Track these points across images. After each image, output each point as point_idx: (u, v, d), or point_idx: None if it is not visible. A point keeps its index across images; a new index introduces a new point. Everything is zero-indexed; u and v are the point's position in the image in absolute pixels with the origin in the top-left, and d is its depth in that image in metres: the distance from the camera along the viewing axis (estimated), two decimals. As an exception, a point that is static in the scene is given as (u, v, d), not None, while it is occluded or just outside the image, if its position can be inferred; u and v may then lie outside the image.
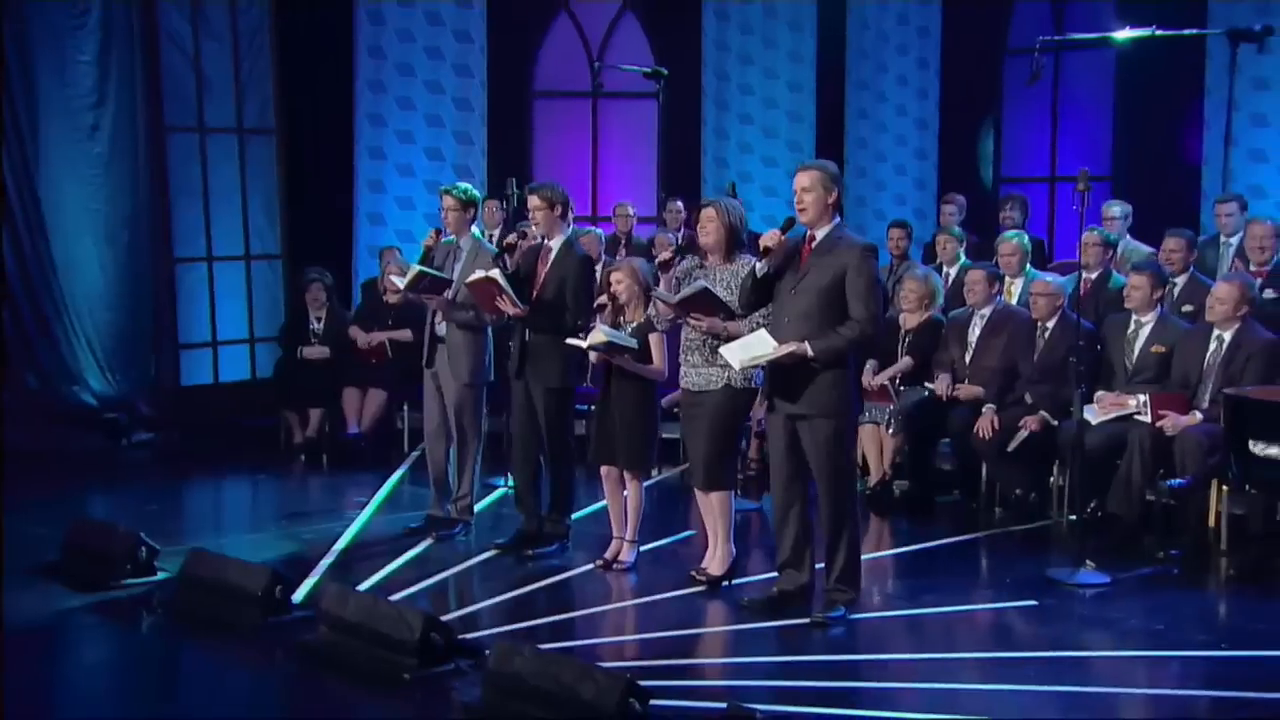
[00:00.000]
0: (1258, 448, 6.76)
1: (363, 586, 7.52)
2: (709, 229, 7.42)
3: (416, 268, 8.90)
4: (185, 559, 7.45)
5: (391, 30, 12.98)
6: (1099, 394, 8.57)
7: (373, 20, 12.90)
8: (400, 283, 9.06)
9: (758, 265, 6.89)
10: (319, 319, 11.26)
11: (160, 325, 11.69)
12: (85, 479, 10.43)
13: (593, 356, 7.76)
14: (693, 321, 7.21)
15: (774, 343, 6.77)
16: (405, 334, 10.97)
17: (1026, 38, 13.75)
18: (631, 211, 12.61)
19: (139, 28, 11.31)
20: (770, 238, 6.81)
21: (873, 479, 9.63)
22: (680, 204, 12.61)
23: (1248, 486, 7.94)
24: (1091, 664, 6.74)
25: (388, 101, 13.05)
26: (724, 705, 5.53)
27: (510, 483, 9.41)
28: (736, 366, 7.02)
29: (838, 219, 6.99)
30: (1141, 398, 8.42)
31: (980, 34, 13.97)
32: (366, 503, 9.58)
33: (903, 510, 9.38)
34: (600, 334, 7.53)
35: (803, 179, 6.91)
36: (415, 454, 10.94)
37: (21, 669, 6.67)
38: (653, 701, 5.53)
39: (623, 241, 12.13)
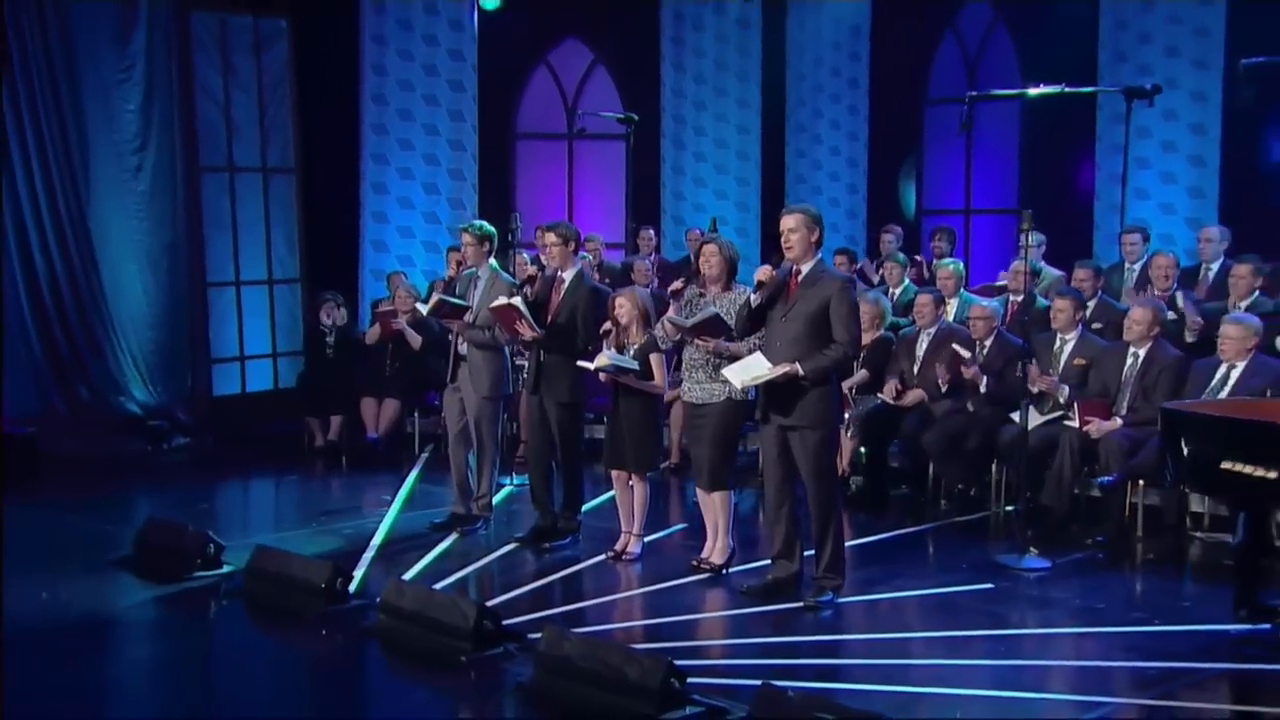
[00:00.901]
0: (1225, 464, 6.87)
1: (405, 578, 7.37)
2: (712, 263, 7.39)
3: (438, 296, 8.87)
4: (252, 554, 7.40)
5: (393, 80, 12.86)
6: (1032, 370, 8.49)
7: (377, 72, 12.77)
8: (424, 308, 9.02)
9: (752, 296, 6.87)
10: (329, 332, 11.09)
11: (195, 342, 11.58)
12: (135, 480, 10.27)
13: (601, 376, 7.67)
14: (699, 342, 7.19)
15: (769, 364, 6.76)
16: (412, 334, 10.83)
17: (942, 90, 13.95)
18: (601, 242, 12.46)
19: (177, 80, 11.21)
20: (763, 272, 6.81)
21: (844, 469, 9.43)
22: (651, 232, 12.69)
23: (1181, 486, 7.94)
24: (1052, 639, 6.76)
25: (390, 143, 12.92)
26: (753, 682, 5.48)
27: (515, 481, 9.47)
28: (738, 385, 6.99)
29: (819, 255, 6.97)
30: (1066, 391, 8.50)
31: (903, 86, 14.05)
32: (391, 501, 9.45)
33: (859, 504, 9.26)
34: (604, 358, 7.50)
35: (788, 221, 6.88)
36: (425, 455, 10.90)
37: (114, 652, 6.82)
38: (689, 679, 5.51)
39: (595, 267, 12.12)
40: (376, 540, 8.39)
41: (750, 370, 6.87)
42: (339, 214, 12.70)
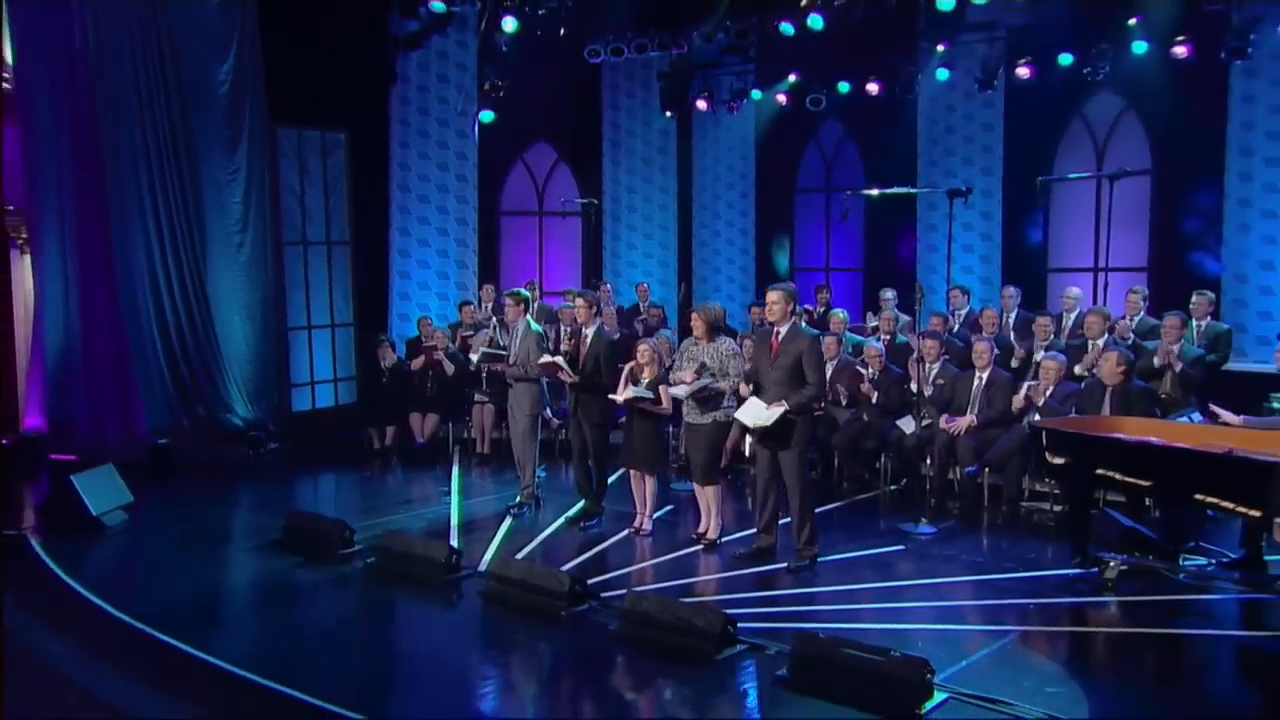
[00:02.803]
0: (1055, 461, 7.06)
1: (489, 553, 7.39)
2: (698, 326, 7.52)
3: (484, 349, 9.02)
4: (381, 536, 7.36)
5: (415, 175, 12.84)
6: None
7: (402, 169, 12.77)
8: (475, 356, 9.19)
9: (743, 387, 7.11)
10: (385, 362, 11.05)
11: (279, 371, 11.51)
12: (245, 477, 10.11)
13: (622, 402, 7.78)
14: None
15: (765, 404, 6.88)
16: (448, 364, 10.82)
17: (806, 182, 14.46)
18: (608, 289, 12.46)
19: (268, 179, 11.16)
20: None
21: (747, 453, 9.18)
22: (609, 285, 12.84)
23: (1044, 475, 8.19)
24: (958, 585, 6.85)
25: (411, 220, 12.90)
26: (787, 626, 5.63)
27: (542, 473, 9.14)
28: (750, 425, 7.00)
29: (794, 319, 7.09)
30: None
31: (779, 179, 14.45)
32: (448, 492, 9.30)
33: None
34: (630, 392, 7.66)
35: (773, 295, 7.03)
36: (457, 455, 10.70)
37: (305, 606, 6.80)
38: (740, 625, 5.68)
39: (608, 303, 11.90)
40: (454, 522, 8.33)
41: (754, 413, 6.94)
42: (376, 274, 12.66)
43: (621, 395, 7.75)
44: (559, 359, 8.06)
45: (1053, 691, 5.11)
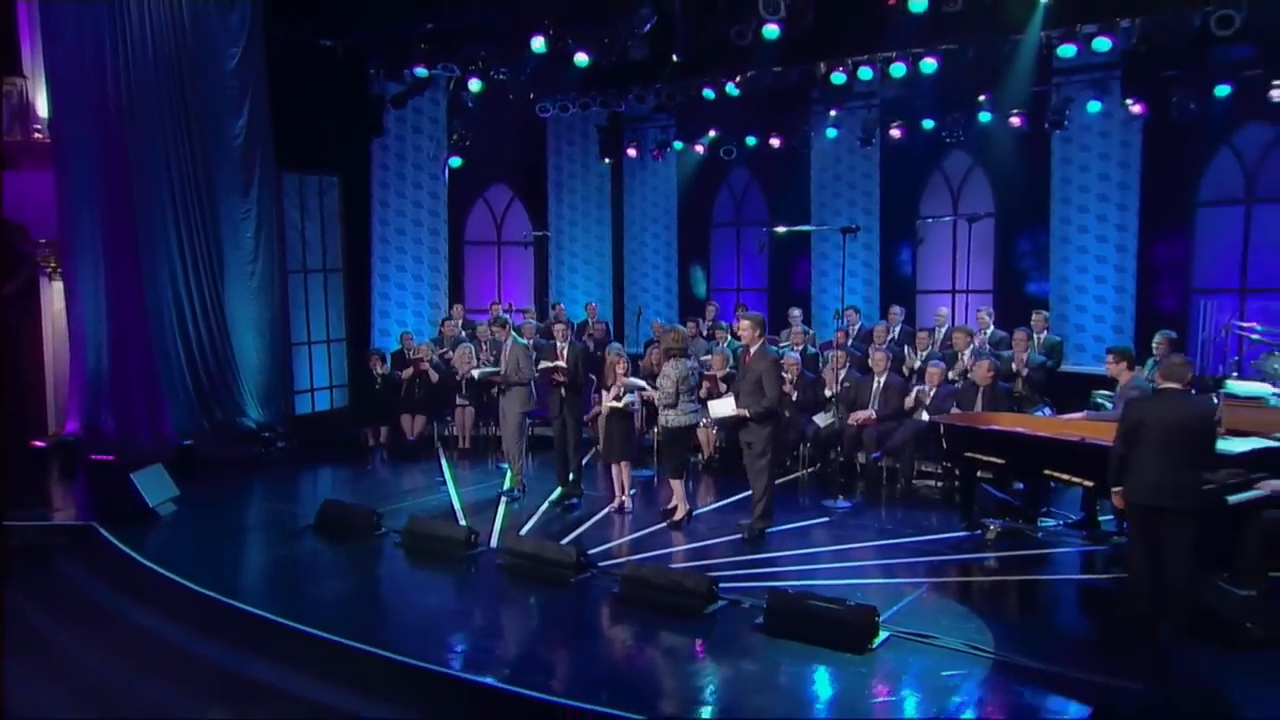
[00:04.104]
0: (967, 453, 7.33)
1: (495, 531, 7.52)
2: (664, 344, 7.85)
3: (482, 369, 9.12)
4: (408, 521, 7.39)
5: (393, 210, 12.90)
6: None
7: (382, 206, 12.81)
8: (476, 374, 9.29)
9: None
10: (379, 374, 11.12)
11: (285, 379, 11.44)
12: (259, 473, 10.00)
13: (609, 405, 8.06)
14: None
15: (733, 405, 7.26)
16: (433, 374, 10.88)
17: (720, 217, 14.84)
18: (562, 308, 12.48)
19: (275, 216, 11.10)
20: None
21: (705, 456, 9.73)
22: (562, 305, 12.90)
23: (946, 462, 8.48)
24: (879, 548, 7.14)
25: (390, 249, 12.93)
26: (765, 586, 5.79)
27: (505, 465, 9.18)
28: (714, 415, 7.37)
29: (762, 341, 7.33)
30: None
31: (697, 215, 14.81)
32: (443, 481, 9.31)
33: (719, 472, 9.43)
34: (611, 402, 8.02)
35: (744, 323, 7.36)
36: (441, 451, 10.70)
37: (343, 582, 6.80)
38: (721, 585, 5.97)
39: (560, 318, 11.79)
40: (458, 506, 8.40)
41: (721, 408, 7.35)
42: (361, 295, 12.62)
43: (607, 404, 8.06)
44: (559, 364, 8.36)
45: (964, 626, 5.62)
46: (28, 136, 10.26)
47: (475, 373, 9.33)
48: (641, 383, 8.02)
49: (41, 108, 10.22)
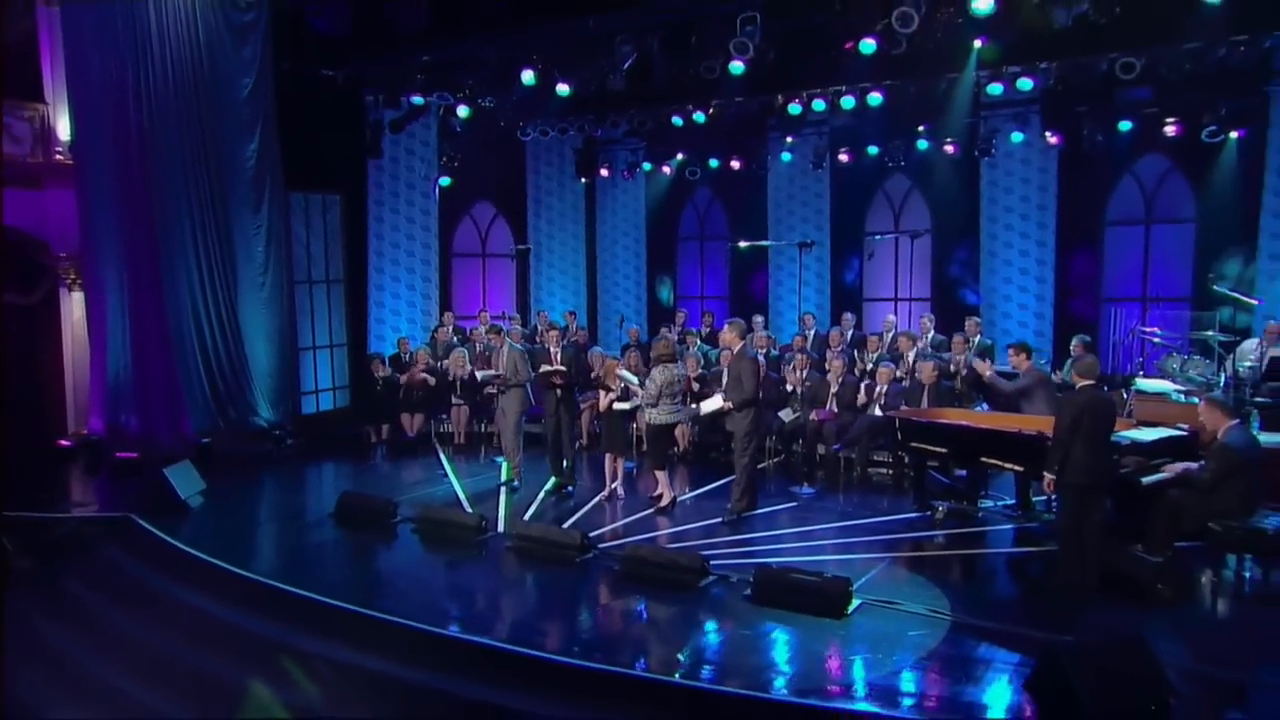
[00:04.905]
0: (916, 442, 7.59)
1: (500, 518, 7.59)
2: (655, 351, 7.97)
3: (484, 373, 9.20)
4: (421, 510, 7.50)
5: (388, 225, 12.90)
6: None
7: (378, 222, 12.77)
8: (480, 376, 9.47)
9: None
10: (380, 376, 11.17)
11: (292, 381, 11.41)
12: (272, 467, 9.95)
13: (602, 406, 8.28)
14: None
15: (720, 400, 7.61)
16: (430, 379, 10.95)
17: (685, 232, 15.12)
18: (546, 315, 12.66)
19: (283, 232, 11.10)
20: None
21: (680, 449, 9.76)
22: (545, 313, 13.10)
23: (899, 452, 8.44)
24: (843, 528, 7.28)
25: (385, 262, 12.91)
26: (746, 563, 6.02)
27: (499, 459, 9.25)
28: (705, 411, 7.67)
29: (743, 344, 7.63)
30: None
31: (665, 230, 15.02)
32: (445, 475, 9.30)
33: (695, 462, 9.53)
34: (607, 400, 8.20)
35: (728, 329, 7.67)
36: (438, 446, 10.66)
37: (370, 564, 6.92)
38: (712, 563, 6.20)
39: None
40: (463, 496, 8.47)
41: (711, 404, 7.68)
42: (360, 304, 12.62)
43: (604, 402, 8.27)
44: (559, 368, 8.58)
45: (923, 593, 5.96)
46: (49, 158, 10.22)
47: (479, 375, 9.47)
48: (635, 378, 8.21)
49: (63, 131, 10.20)
